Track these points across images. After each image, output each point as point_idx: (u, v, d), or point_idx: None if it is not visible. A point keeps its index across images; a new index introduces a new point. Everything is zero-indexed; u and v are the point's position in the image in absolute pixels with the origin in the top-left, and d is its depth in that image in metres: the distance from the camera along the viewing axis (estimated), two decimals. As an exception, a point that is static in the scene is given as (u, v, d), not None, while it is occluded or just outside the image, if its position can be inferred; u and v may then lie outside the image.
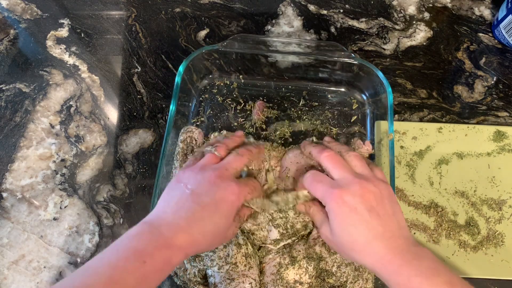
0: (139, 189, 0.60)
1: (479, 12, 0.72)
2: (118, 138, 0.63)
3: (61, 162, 0.61)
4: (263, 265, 0.49)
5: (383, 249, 0.40)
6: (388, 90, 0.55)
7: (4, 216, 0.58)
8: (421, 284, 0.37)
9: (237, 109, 0.63)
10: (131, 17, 0.73)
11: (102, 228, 0.57)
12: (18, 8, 0.73)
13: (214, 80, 0.65)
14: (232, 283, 0.46)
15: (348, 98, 0.64)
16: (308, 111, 0.63)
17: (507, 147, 0.60)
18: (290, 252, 0.49)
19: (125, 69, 0.68)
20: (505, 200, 0.57)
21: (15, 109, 0.65)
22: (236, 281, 0.46)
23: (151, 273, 0.37)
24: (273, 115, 0.62)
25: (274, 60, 0.66)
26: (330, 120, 0.62)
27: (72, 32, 0.71)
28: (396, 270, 0.39)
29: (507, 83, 0.66)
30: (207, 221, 0.41)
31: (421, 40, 0.70)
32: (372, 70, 0.57)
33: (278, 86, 0.65)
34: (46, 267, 0.55)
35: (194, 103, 0.63)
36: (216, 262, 0.47)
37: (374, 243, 0.40)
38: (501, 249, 0.54)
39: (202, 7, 0.73)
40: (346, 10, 0.73)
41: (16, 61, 0.69)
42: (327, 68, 0.62)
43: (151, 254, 0.37)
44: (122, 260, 0.36)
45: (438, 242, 0.55)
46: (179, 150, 0.54)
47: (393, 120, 0.56)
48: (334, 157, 0.46)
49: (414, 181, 0.58)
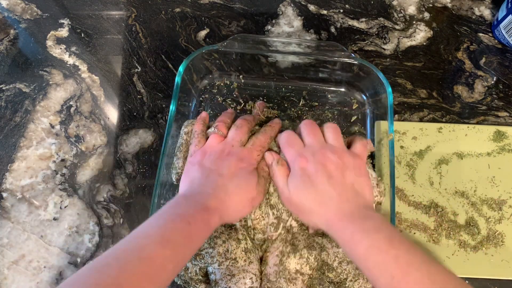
0: (139, 189, 0.60)
1: (479, 12, 0.72)
2: (118, 138, 0.63)
3: (61, 162, 0.61)
4: (266, 255, 0.50)
5: (334, 209, 0.44)
6: (388, 90, 0.55)
7: (4, 216, 0.58)
8: (362, 238, 0.40)
9: (237, 109, 0.63)
10: (131, 17, 0.73)
11: (102, 228, 0.57)
12: (18, 8, 0.73)
13: (214, 80, 0.65)
14: (232, 279, 0.46)
15: (348, 98, 0.64)
16: (308, 111, 0.63)
17: (507, 147, 0.60)
18: (292, 241, 0.49)
19: (125, 69, 0.68)
20: (505, 200, 0.57)
21: (15, 109, 0.65)
22: (236, 276, 0.46)
23: (195, 233, 0.41)
24: (273, 115, 0.62)
25: (274, 60, 0.66)
26: (330, 120, 0.62)
27: (72, 32, 0.71)
28: (341, 229, 0.43)
29: (507, 83, 0.66)
30: (229, 186, 0.46)
31: (421, 40, 0.70)
32: (372, 70, 0.57)
33: (278, 86, 0.65)
34: (46, 267, 0.55)
35: (194, 103, 0.63)
36: (216, 258, 0.47)
37: (329, 205, 0.44)
38: (501, 249, 0.54)
39: (202, 7, 0.73)
40: (346, 10, 0.73)
41: (16, 61, 0.69)
42: (327, 68, 0.62)
43: (193, 216, 0.41)
44: (170, 222, 0.40)
45: (438, 242, 0.55)
46: (183, 141, 0.55)
47: (393, 120, 0.56)
48: (311, 125, 0.51)
49: (414, 181, 0.58)
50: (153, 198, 0.50)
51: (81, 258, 0.56)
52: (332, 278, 0.47)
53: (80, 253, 0.56)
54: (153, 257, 0.37)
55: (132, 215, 0.58)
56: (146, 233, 0.39)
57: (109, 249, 0.38)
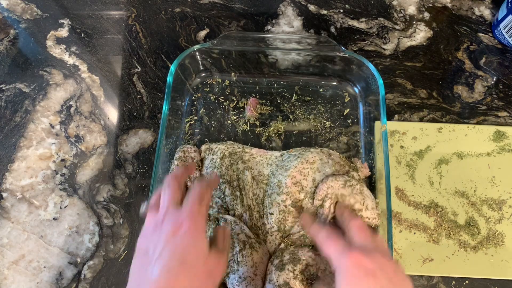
0: (139, 189, 0.60)
1: (479, 12, 0.72)
2: (118, 138, 0.63)
3: (61, 162, 0.61)
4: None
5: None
6: (379, 82, 0.56)
7: (4, 216, 0.58)
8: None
9: (230, 106, 0.64)
10: (131, 17, 0.73)
11: (102, 228, 0.57)
12: (18, 8, 0.73)
13: (206, 78, 0.65)
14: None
15: (340, 92, 0.64)
16: (301, 105, 0.63)
17: (507, 147, 0.60)
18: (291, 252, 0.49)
19: (125, 69, 0.68)
20: (505, 200, 0.57)
21: (15, 109, 0.65)
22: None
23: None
24: (266, 111, 0.63)
25: (265, 57, 0.67)
26: (323, 114, 0.63)
27: (72, 32, 0.71)
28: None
29: (507, 83, 0.66)
30: (171, 264, 0.36)
31: (421, 40, 0.70)
32: (363, 63, 0.58)
33: (270, 82, 0.65)
34: (46, 267, 0.55)
35: (187, 102, 0.64)
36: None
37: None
38: (501, 249, 0.54)
39: (202, 7, 0.73)
40: (346, 10, 0.73)
41: (16, 61, 0.69)
42: (318, 63, 0.63)
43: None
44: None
45: (438, 242, 0.55)
46: (174, 167, 0.55)
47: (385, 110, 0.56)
48: (363, 226, 0.44)
49: (414, 181, 0.58)
50: (150, 198, 0.50)
51: (81, 258, 0.56)
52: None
53: (80, 253, 0.56)
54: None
55: (132, 215, 0.58)
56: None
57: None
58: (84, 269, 0.55)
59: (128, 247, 0.56)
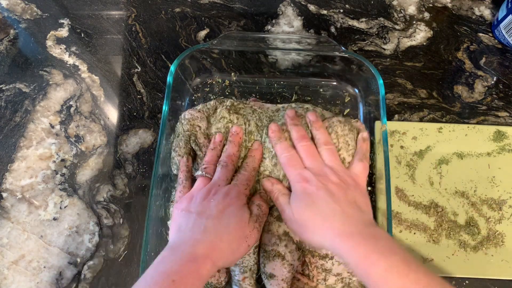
0: (139, 189, 0.60)
1: (479, 12, 0.72)
2: (118, 138, 0.63)
3: (61, 162, 0.61)
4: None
5: (341, 227, 0.43)
6: (379, 82, 0.56)
7: (4, 216, 0.58)
8: (378, 260, 0.39)
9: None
10: (131, 17, 0.73)
11: (102, 228, 0.57)
12: (18, 8, 0.73)
13: (206, 78, 0.65)
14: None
15: (340, 92, 0.64)
16: None
17: (507, 147, 0.60)
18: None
19: (125, 69, 0.68)
20: (505, 200, 0.57)
21: (15, 109, 0.65)
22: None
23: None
24: None
25: (264, 57, 0.67)
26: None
27: (72, 32, 0.71)
28: (353, 247, 0.41)
29: (507, 83, 0.66)
30: (219, 227, 0.44)
31: (421, 40, 0.70)
32: (363, 63, 0.58)
33: (270, 82, 0.65)
34: (46, 267, 0.55)
35: (187, 102, 0.64)
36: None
37: (333, 220, 0.43)
38: (501, 249, 0.54)
39: (202, 7, 0.73)
40: (346, 10, 0.73)
41: (16, 61, 0.69)
42: (318, 63, 0.63)
43: (178, 272, 0.39)
44: (153, 285, 0.38)
45: (438, 242, 0.55)
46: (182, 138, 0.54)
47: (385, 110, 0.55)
48: (309, 148, 0.50)
49: (414, 181, 0.58)
50: (150, 198, 0.50)
51: (81, 258, 0.56)
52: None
53: (80, 253, 0.56)
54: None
55: (132, 215, 0.58)
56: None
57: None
58: (84, 269, 0.55)
59: (128, 247, 0.56)
